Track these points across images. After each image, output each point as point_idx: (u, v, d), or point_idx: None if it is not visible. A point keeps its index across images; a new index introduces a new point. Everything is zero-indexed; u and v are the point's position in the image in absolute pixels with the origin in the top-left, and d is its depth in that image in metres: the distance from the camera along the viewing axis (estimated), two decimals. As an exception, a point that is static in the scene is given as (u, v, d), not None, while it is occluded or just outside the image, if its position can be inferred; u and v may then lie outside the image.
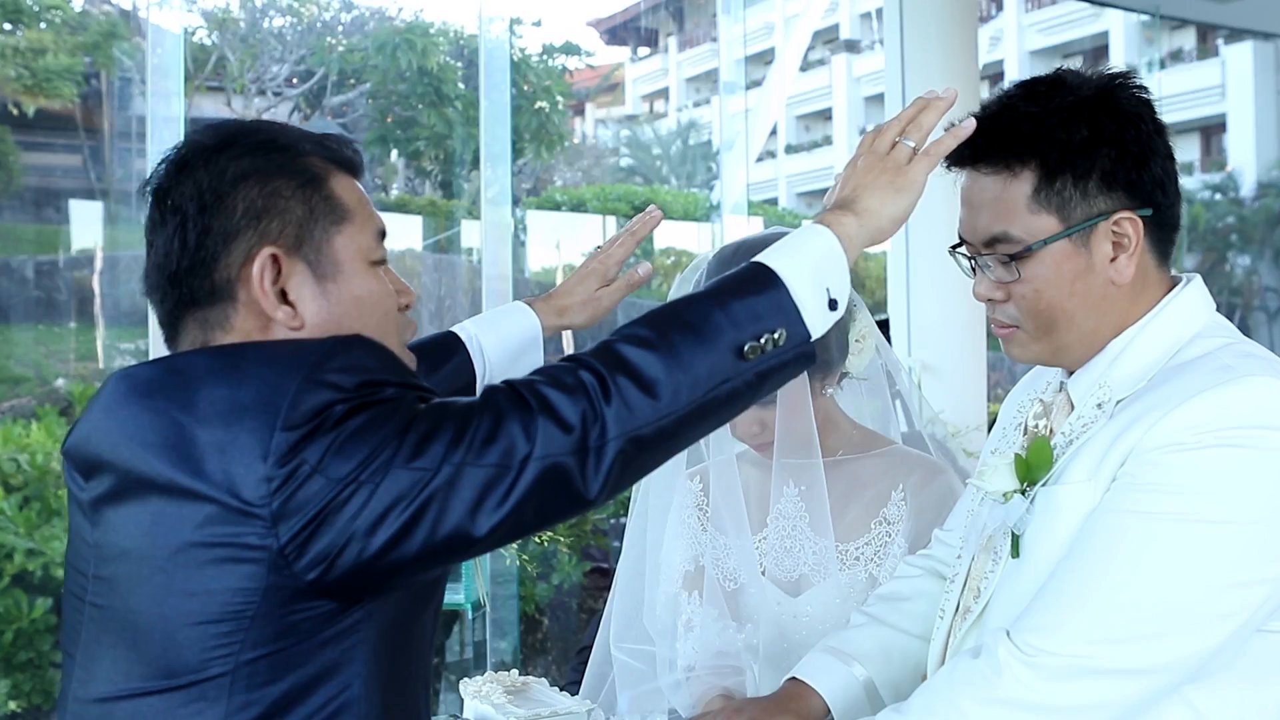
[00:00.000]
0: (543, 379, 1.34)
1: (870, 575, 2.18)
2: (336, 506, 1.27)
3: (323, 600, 1.31)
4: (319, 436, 1.27)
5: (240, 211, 1.41)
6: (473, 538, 1.29)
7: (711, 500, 2.31)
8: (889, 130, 1.56)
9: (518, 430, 1.30)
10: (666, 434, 1.35)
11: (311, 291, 1.43)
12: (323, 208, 1.45)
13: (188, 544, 1.30)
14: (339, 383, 1.30)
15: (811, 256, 1.45)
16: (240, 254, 1.41)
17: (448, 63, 12.67)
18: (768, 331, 1.39)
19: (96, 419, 1.40)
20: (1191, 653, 1.45)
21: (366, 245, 1.48)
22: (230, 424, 1.29)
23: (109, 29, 11.55)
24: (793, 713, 1.87)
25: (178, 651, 1.32)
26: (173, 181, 1.44)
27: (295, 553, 1.27)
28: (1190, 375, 1.51)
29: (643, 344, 1.35)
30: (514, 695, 2.24)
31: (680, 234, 14.13)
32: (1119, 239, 1.57)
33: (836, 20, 26.25)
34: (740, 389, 1.39)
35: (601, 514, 6.90)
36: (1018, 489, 1.62)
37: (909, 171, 1.53)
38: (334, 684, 1.34)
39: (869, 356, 2.27)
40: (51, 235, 11.24)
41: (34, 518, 5.68)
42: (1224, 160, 21.40)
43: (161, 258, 1.43)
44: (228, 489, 1.28)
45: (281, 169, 1.44)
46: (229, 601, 1.30)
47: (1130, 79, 1.61)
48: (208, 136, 1.46)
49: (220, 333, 1.43)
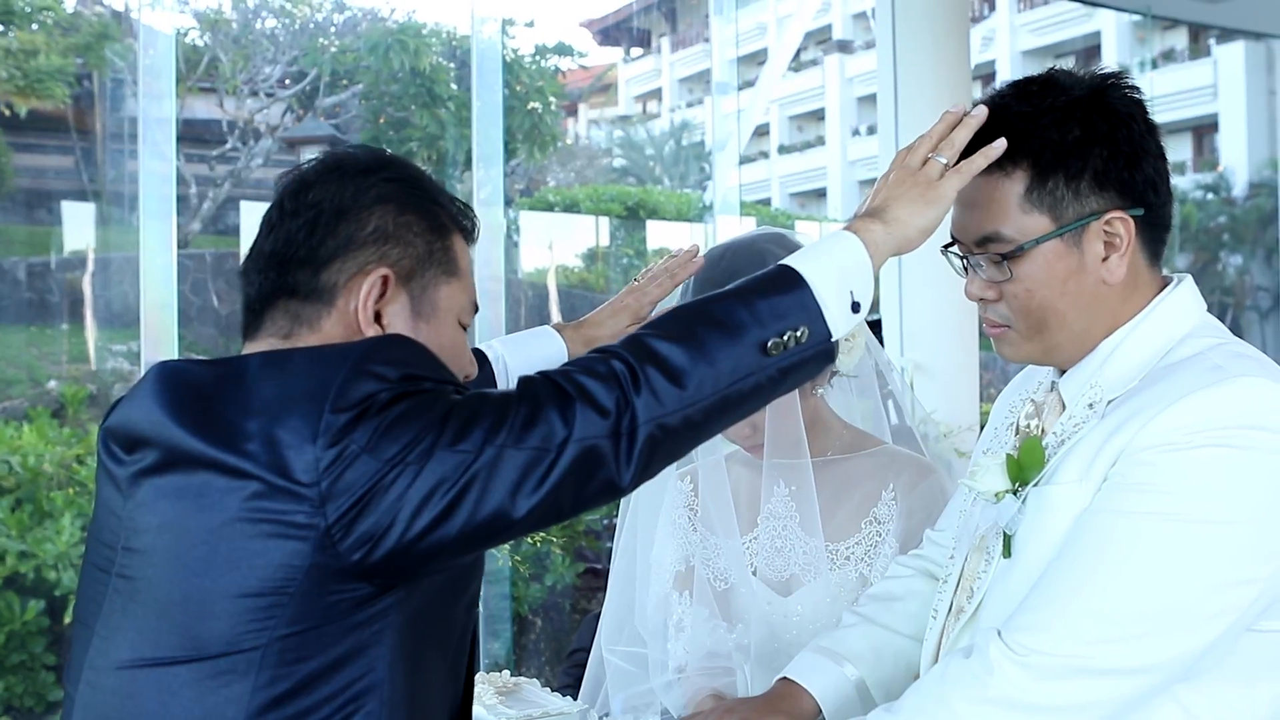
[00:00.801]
0: (577, 369, 1.40)
1: (861, 575, 2.18)
2: (383, 488, 1.32)
3: (361, 583, 1.35)
4: (366, 420, 1.33)
5: (371, 228, 1.51)
6: (512, 519, 1.34)
7: (701, 501, 2.31)
8: (920, 146, 1.59)
9: (556, 416, 1.35)
10: (692, 423, 1.41)
11: (405, 323, 1.52)
12: (441, 255, 1.55)
13: (235, 518, 1.34)
14: (383, 373, 1.36)
15: (837, 260, 1.50)
16: (355, 266, 1.50)
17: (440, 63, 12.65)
18: (791, 329, 1.45)
19: (142, 402, 1.45)
20: (1182, 652, 1.45)
21: (462, 306, 1.58)
22: (279, 413, 1.35)
23: (101, 30, 11.52)
24: (784, 713, 1.87)
25: (213, 623, 1.35)
26: (319, 179, 1.53)
27: (341, 533, 1.32)
28: (1181, 375, 1.52)
29: (670, 337, 1.42)
30: (506, 696, 2.24)
31: (673, 234, 14.12)
32: (1111, 239, 1.58)
33: (829, 21, 26.25)
34: (763, 383, 1.45)
35: (594, 514, 6.90)
36: (1009, 489, 1.62)
37: (939, 186, 1.56)
38: (358, 666, 1.38)
39: (859, 355, 2.27)
40: (43, 237, 11.20)
41: (26, 520, 5.67)
42: (1216, 160, 21.43)
43: (281, 243, 1.51)
44: (276, 469, 1.33)
45: (418, 206, 1.55)
46: (272, 576, 1.34)
47: (1122, 79, 1.61)
48: (362, 154, 1.57)
49: (306, 329, 1.50)
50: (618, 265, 13.68)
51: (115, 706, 1.41)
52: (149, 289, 6.19)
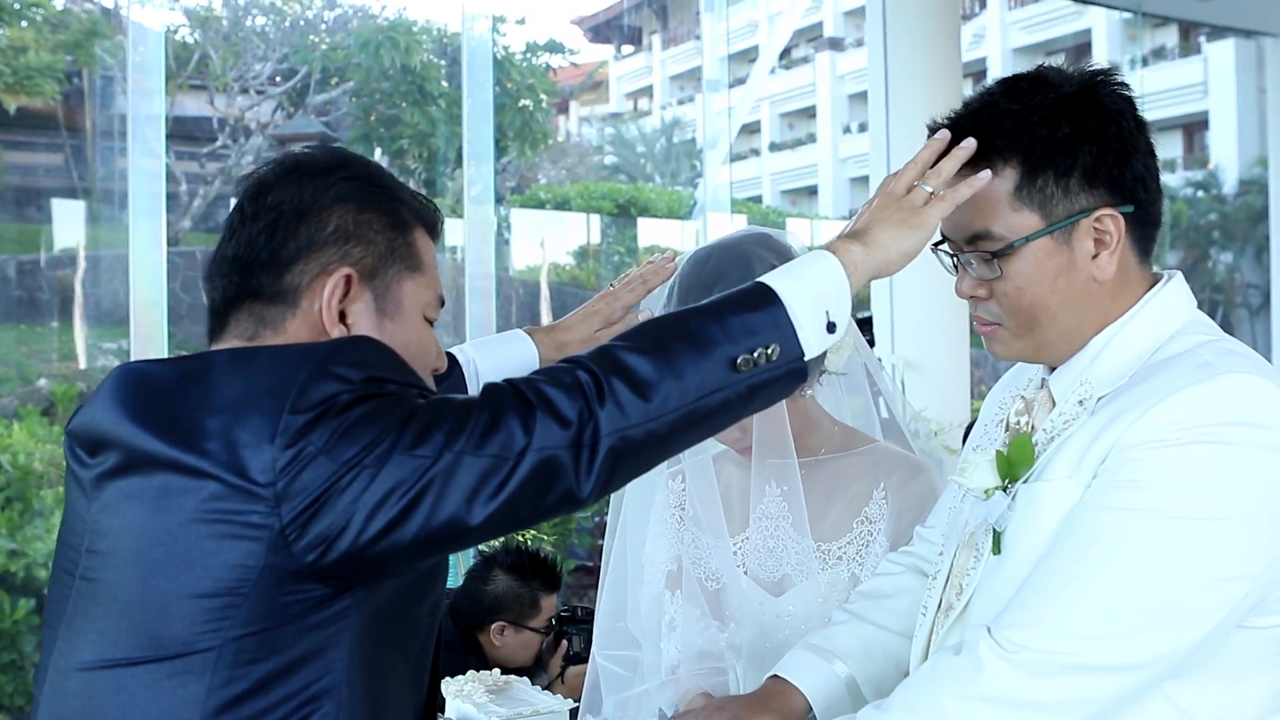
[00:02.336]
0: (542, 378, 1.40)
1: (852, 575, 2.18)
2: (339, 490, 1.31)
3: (316, 584, 1.35)
4: (325, 421, 1.33)
5: (332, 228, 1.50)
6: (467, 526, 1.34)
7: (690, 501, 2.31)
8: (906, 174, 1.60)
9: (517, 424, 1.35)
10: (656, 436, 1.40)
11: (369, 322, 1.51)
12: (403, 252, 1.55)
13: (191, 518, 1.34)
14: (346, 375, 1.36)
15: (814, 280, 1.50)
16: (318, 266, 1.49)
17: (431, 61, 12.63)
18: (762, 347, 1.44)
19: (104, 404, 1.44)
20: (1172, 649, 1.46)
21: (427, 301, 1.58)
22: (240, 412, 1.35)
23: (90, 27, 11.49)
24: (774, 711, 1.87)
25: (168, 623, 1.35)
26: (278, 181, 1.53)
27: (296, 533, 1.32)
28: (1171, 372, 1.52)
29: (639, 349, 1.41)
30: (495, 694, 2.24)
31: (664, 232, 14.12)
32: (1100, 236, 1.58)
33: (820, 18, 26.24)
34: (731, 399, 1.44)
35: (586, 512, 6.90)
36: (999, 486, 1.62)
37: (923, 213, 1.57)
38: (315, 668, 1.37)
39: (847, 353, 2.27)
40: (33, 234, 11.17)
41: (16, 518, 5.66)
42: (1206, 157, 21.44)
43: (242, 247, 1.50)
44: (233, 468, 1.32)
45: (378, 204, 1.54)
46: (226, 577, 1.33)
47: (1111, 76, 1.61)
48: (321, 153, 1.56)
49: (270, 332, 1.49)
50: (609, 263, 13.67)
51: (76, 708, 1.41)
52: (139, 287, 6.19)
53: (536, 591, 3.74)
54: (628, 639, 2.38)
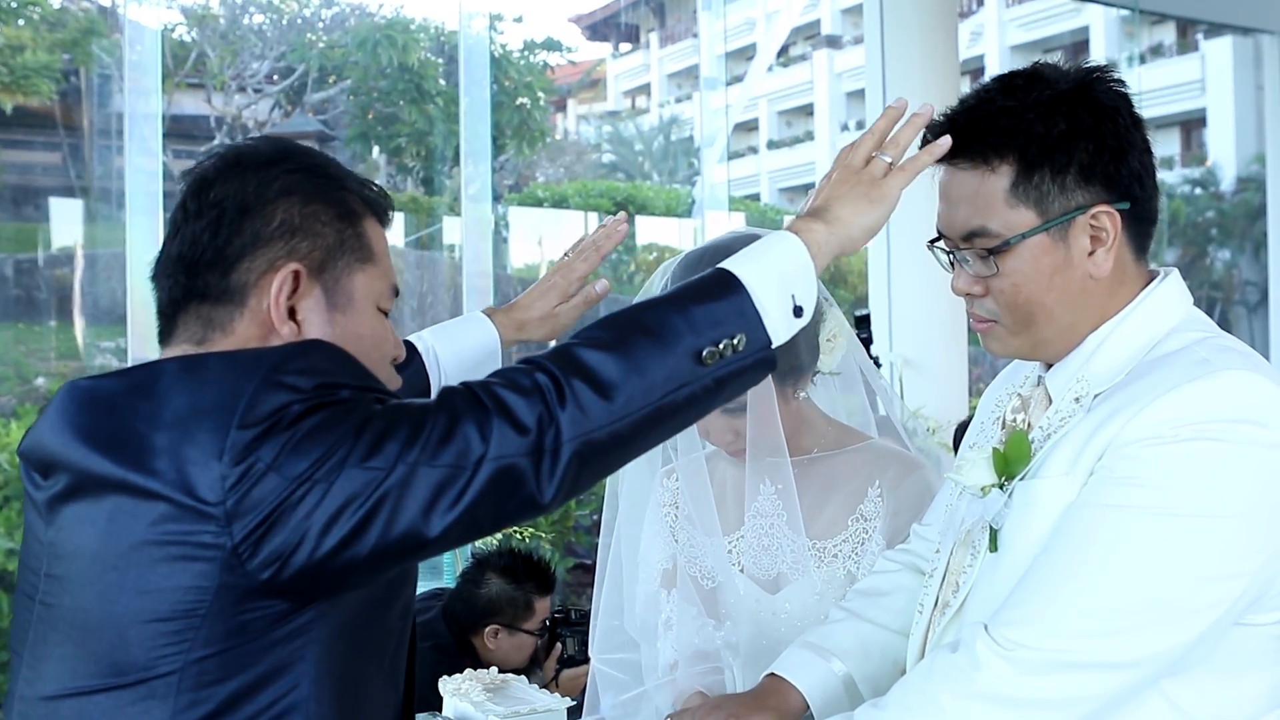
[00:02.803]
0: (499, 381, 1.35)
1: (848, 572, 2.18)
2: (290, 505, 1.27)
3: (275, 600, 1.31)
4: (274, 435, 1.28)
5: (277, 222, 1.45)
6: (426, 538, 1.30)
7: (684, 499, 2.31)
8: (863, 145, 1.57)
9: (473, 431, 1.30)
10: (621, 437, 1.35)
11: (320, 317, 1.47)
12: (353, 243, 1.50)
13: (142, 542, 1.31)
14: (296, 384, 1.32)
15: (777, 263, 1.45)
16: (264, 263, 1.44)
17: (429, 59, 12.63)
18: (727, 337, 1.39)
19: (53, 424, 1.40)
20: (1169, 646, 1.45)
21: (380, 291, 1.53)
22: (188, 427, 1.30)
23: (87, 26, 11.48)
24: (771, 709, 1.87)
25: (127, 649, 1.32)
26: (220, 177, 1.47)
27: (248, 551, 1.28)
28: (1167, 369, 1.51)
29: (600, 346, 1.36)
30: (493, 693, 2.24)
31: (662, 230, 14.12)
32: (1097, 233, 1.57)
33: (817, 16, 26.22)
34: (698, 394, 1.39)
35: (584, 510, 6.90)
36: (996, 483, 1.62)
37: (884, 185, 1.54)
38: (282, 684, 1.34)
39: (840, 353, 2.27)
40: (30, 233, 11.16)
41: (14, 517, 5.65)
42: (1204, 154, 21.45)
43: (186, 246, 1.45)
44: (182, 488, 1.29)
45: (325, 195, 1.49)
46: (181, 600, 1.30)
47: (1107, 73, 1.61)
48: (263, 146, 1.51)
49: (219, 334, 1.45)
50: (606, 260, 13.65)
51: None
52: (136, 285, 6.19)
53: (530, 594, 3.73)
54: (626, 640, 2.37)
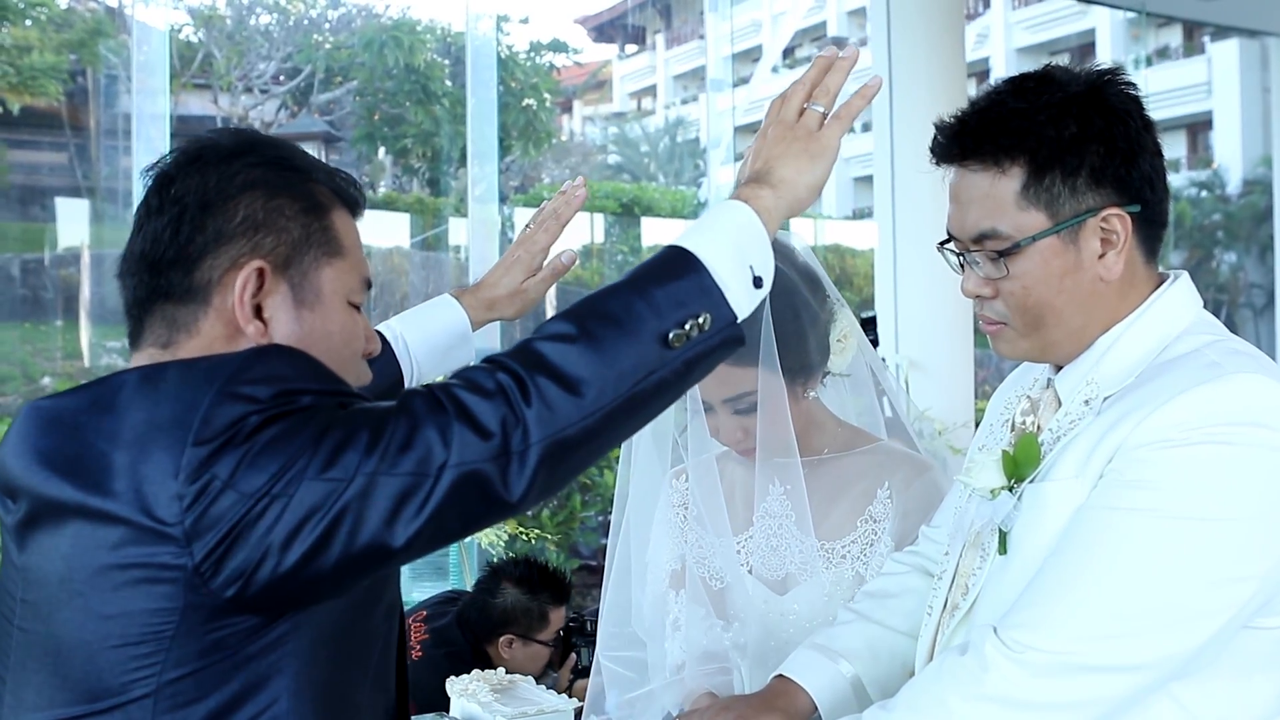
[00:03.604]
0: (460, 384, 1.30)
1: (857, 574, 2.18)
2: (250, 522, 1.24)
3: (246, 615, 1.28)
4: (230, 450, 1.25)
5: (240, 218, 1.40)
6: (391, 548, 1.26)
7: (693, 499, 2.30)
8: (794, 96, 1.50)
9: (434, 437, 1.26)
10: (593, 432, 1.30)
11: (288, 314, 1.42)
12: (319, 237, 1.45)
13: (103, 566, 1.28)
14: (253, 394, 1.28)
15: (730, 234, 1.39)
16: (228, 260, 1.40)
17: (435, 60, 12.66)
18: (692, 317, 1.33)
19: (14, 447, 1.38)
20: (1178, 649, 1.45)
21: (350, 285, 1.48)
22: (145, 444, 1.27)
23: (95, 26, 11.51)
24: (780, 710, 1.86)
25: (99, 675, 1.30)
26: (181, 172, 1.43)
27: (210, 570, 1.25)
28: (1177, 372, 1.51)
29: (563, 340, 1.31)
30: (500, 693, 2.24)
31: (668, 231, 14.13)
32: (1107, 235, 1.57)
33: (823, 17, 26.23)
34: (668, 378, 1.33)
35: (589, 511, 6.90)
36: (1005, 486, 1.62)
37: (821, 137, 1.48)
38: (261, 698, 1.32)
39: (851, 354, 2.26)
40: (37, 233, 11.19)
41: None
42: (1210, 157, 21.43)
43: (149, 244, 1.41)
44: (140, 508, 1.26)
45: (289, 188, 1.44)
46: (147, 623, 1.28)
47: (1119, 76, 1.61)
48: (225, 139, 1.46)
49: (184, 335, 1.41)
50: (613, 262, 13.67)
51: None
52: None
53: (545, 604, 3.73)
54: (632, 639, 2.37)
